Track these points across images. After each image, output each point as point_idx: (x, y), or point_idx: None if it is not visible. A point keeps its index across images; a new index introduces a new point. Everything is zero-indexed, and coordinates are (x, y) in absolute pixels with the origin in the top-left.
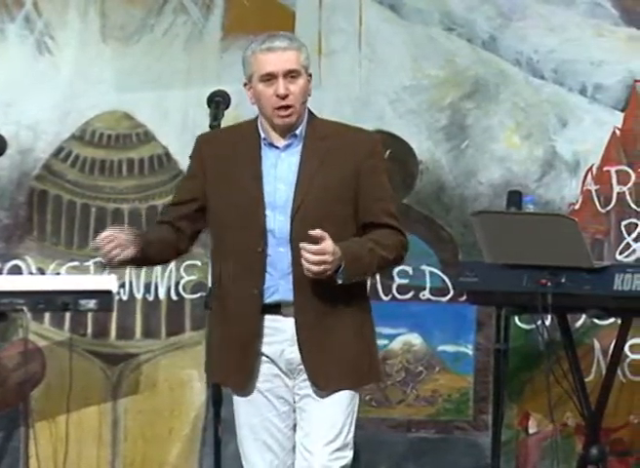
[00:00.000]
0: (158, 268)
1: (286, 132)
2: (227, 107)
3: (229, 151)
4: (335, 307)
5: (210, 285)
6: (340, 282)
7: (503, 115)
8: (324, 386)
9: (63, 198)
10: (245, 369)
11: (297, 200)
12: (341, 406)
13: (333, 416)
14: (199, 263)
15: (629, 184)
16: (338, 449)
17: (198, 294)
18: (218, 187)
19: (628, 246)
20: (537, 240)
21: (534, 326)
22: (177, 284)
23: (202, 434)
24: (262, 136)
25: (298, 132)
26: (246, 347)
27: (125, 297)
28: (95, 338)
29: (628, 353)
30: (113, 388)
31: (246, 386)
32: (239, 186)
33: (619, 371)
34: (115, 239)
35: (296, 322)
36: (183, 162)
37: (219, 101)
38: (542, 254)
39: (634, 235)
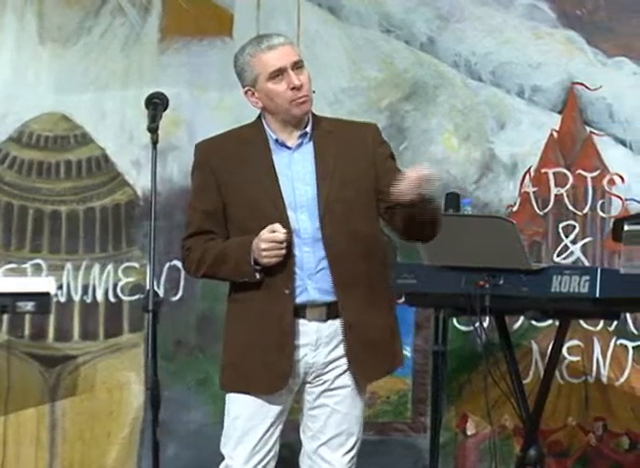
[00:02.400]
0: (96, 270)
1: (299, 127)
2: (165, 109)
3: (237, 156)
4: (369, 302)
5: (148, 286)
6: (434, 200)
7: (441, 117)
8: (365, 380)
9: (1, 200)
10: (280, 373)
11: (321, 197)
12: (357, 414)
13: (350, 427)
14: (137, 265)
15: (567, 186)
16: (353, 456)
17: (136, 297)
18: (234, 194)
19: (566, 248)
20: (475, 242)
21: (472, 328)
22: (114, 286)
23: (140, 436)
24: (274, 137)
25: (308, 129)
26: (280, 350)
27: (63, 299)
28: (32, 340)
29: (566, 355)
30: (51, 390)
31: (275, 387)
32: (256, 190)
33: (556, 373)
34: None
35: (343, 323)
36: (121, 164)
37: (156, 103)
38: (480, 256)
39: (572, 237)
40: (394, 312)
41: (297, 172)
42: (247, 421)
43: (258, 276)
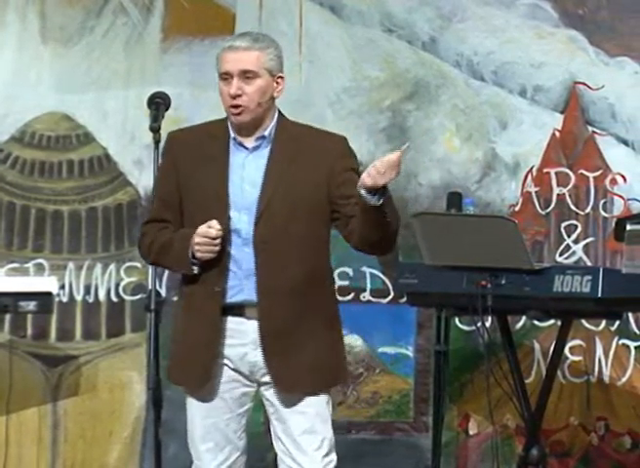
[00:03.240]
0: (98, 270)
1: (251, 131)
2: (167, 109)
3: (198, 150)
4: (301, 309)
5: (150, 286)
6: (375, 202)
7: (443, 117)
8: (289, 389)
9: (3, 199)
10: (203, 369)
11: (262, 201)
12: (319, 412)
13: (313, 424)
14: (139, 265)
15: (569, 186)
16: (325, 455)
17: (138, 296)
18: (187, 185)
19: (568, 247)
20: (477, 241)
21: (474, 327)
22: (117, 285)
23: (142, 436)
24: (232, 135)
25: (266, 133)
26: (206, 347)
27: (65, 299)
28: (35, 340)
29: (568, 354)
30: (53, 390)
31: (202, 387)
32: (205, 185)
33: (558, 373)
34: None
35: (259, 326)
36: (123, 163)
37: (158, 103)
38: (482, 256)
39: (574, 237)
40: (337, 323)
41: (248, 173)
42: (203, 419)
43: (195, 270)
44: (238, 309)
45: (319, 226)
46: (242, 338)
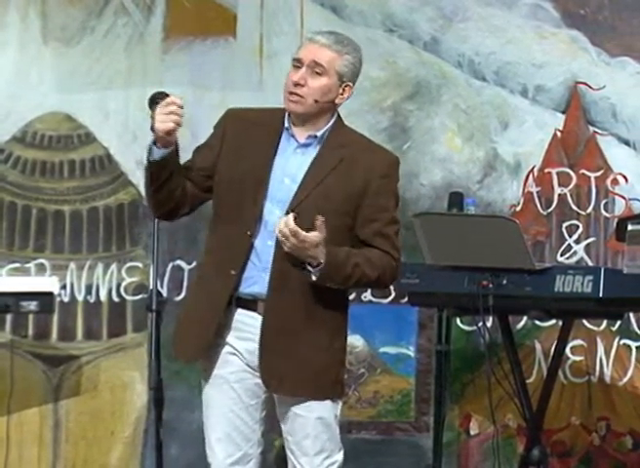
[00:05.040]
0: (99, 270)
1: (302, 124)
2: None
3: (251, 132)
4: (308, 312)
5: (151, 286)
6: (314, 278)
7: (445, 117)
8: (275, 388)
9: (4, 199)
10: (200, 337)
11: (296, 199)
12: (322, 417)
13: (315, 428)
14: (140, 265)
15: (570, 186)
16: (326, 457)
17: (140, 296)
18: (228, 163)
19: (569, 247)
20: (478, 242)
21: (475, 327)
22: (118, 285)
23: (143, 436)
24: (286, 125)
25: (318, 134)
26: (207, 320)
27: (66, 299)
28: (36, 340)
29: (569, 355)
30: (54, 390)
31: (194, 354)
32: (247, 169)
33: (560, 373)
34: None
35: (262, 321)
36: (125, 163)
37: (160, 103)
38: (484, 256)
39: (575, 237)
40: (341, 337)
41: (291, 167)
42: (215, 409)
43: (155, 149)
44: (250, 303)
45: (342, 236)
46: (251, 332)
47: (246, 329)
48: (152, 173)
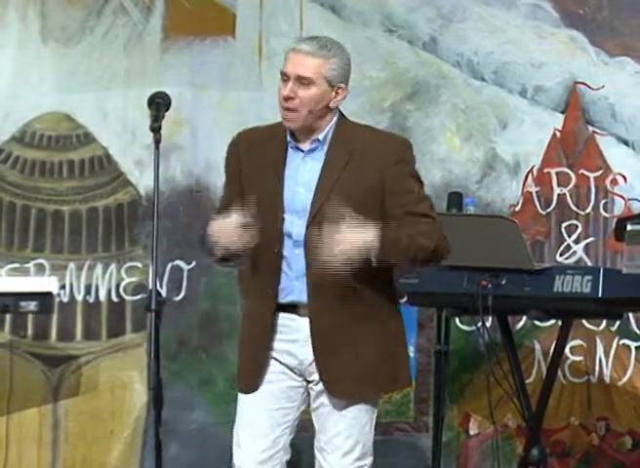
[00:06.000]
0: (98, 270)
1: (305, 136)
2: (168, 109)
3: (260, 151)
4: (354, 312)
5: (150, 286)
6: (374, 264)
7: (444, 117)
8: (340, 395)
9: (3, 199)
10: (255, 364)
11: (315, 205)
12: (358, 417)
13: (349, 428)
14: (140, 265)
15: (570, 186)
16: (357, 459)
17: (139, 296)
18: (247, 186)
19: (569, 247)
20: (477, 241)
21: (474, 327)
22: (117, 286)
23: (143, 436)
24: (289, 139)
25: (320, 137)
26: (258, 343)
27: (65, 299)
28: (35, 340)
29: (569, 354)
30: (54, 390)
31: (254, 382)
32: (262, 187)
33: (559, 373)
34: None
35: (311, 324)
36: (124, 163)
37: (159, 103)
38: (483, 256)
39: (574, 237)
40: (392, 328)
41: (303, 176)
42: (248, 406)
43: (215, 255)
44: (292, 307)
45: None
46: (293, 334)
47: (287, 331)
48: (222, 264)
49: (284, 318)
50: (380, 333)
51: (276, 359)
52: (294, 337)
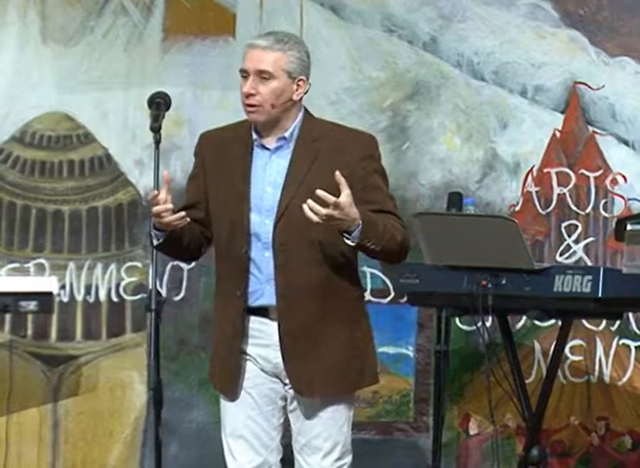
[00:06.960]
0: (98, 270)
1: (269, 132)
2: (168, 109)
3: (225, 150)
4: (323, 313)
5: (150, 286)
6: (351, 243)
7: (444, 117)
8: (309, 395)
9: (3, 199)
10: (229, 369)
11: (282, 204)
12: (334, 418)
13: (327, 429)
14: (140, 265)
15: (570, 186)
16: (337, 459)
17: (139, 296)
18: (213, 187)
19: (569, 247)
20: (477, 241)
21: (474, 327)
22: (117, 285)
23: (143, 436)
24: (254, 137)
25: (287, 134)
26: (230, 347)
27: (65, 299)
28: (35, 340)
29: (569, 354)
30: (54, 390)
31: (231, 387)
32: (228, 188)
33: (559, 373)
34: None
35: (279, 328)
36: (124, 163)
37: (159, 103)
38: (483, 256)
39: (574, 236)
40: (361, 326)
41: (270, 175)
42: (232, 416)
43: (155, 240)
44: (263, 310)
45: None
46: (265, 339)
47: (260, 335)
48: (165, 252)
49: (255, 322)
50: (349, 333)
51: (252, 362)
52: (266, 342)
